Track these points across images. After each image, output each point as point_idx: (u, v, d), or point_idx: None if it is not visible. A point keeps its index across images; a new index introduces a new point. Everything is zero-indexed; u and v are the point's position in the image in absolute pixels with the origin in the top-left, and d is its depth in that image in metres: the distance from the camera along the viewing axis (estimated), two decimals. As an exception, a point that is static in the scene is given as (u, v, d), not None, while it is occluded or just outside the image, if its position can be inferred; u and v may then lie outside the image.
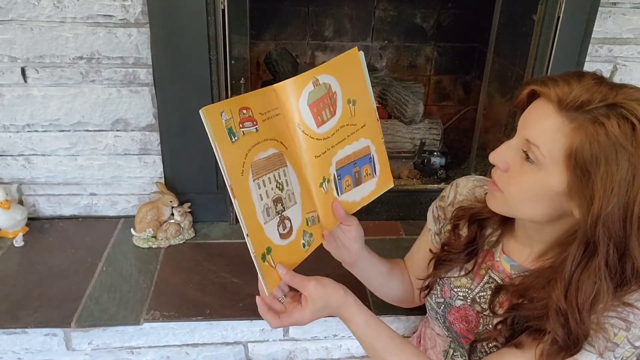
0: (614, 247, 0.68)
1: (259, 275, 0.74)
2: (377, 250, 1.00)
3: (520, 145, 0.73)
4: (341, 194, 0.86)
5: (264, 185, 0.74)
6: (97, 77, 1.25)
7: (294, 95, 0.78)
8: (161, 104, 1.27)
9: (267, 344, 1.16)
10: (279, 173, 0.76)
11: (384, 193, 0.92)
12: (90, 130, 1.31)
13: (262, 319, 0.94)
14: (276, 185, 0.76)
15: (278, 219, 0.77)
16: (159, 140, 1.33)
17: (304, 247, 0.81)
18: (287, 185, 0.78)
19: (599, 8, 1.25)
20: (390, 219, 1.45)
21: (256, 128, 0.73)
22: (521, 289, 0.79)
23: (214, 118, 0.68)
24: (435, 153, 1.69)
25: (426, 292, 0.96)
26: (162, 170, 1.37)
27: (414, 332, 1.11)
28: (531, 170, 0.72)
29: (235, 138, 0.71)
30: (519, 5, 1.37)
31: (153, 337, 1.12)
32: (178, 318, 1.08)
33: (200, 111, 0.67)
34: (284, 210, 0.77)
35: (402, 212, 1.45)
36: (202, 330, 1.12)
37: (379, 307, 1.11)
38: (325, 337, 1.17)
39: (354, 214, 0.88)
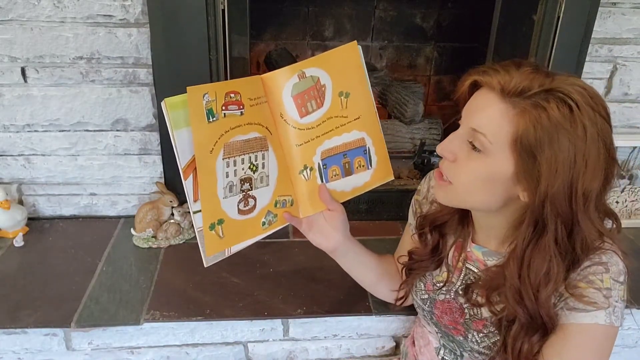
0: (562, 225, 0.70)
1: (199, 242, 0.79)
2: (377, 250, 1.01)
3: (466, 136, 0.74)
4: (326, 183, 0.88)
5: (234, 165, 0.79)
6: (97, 77, 1.25)
7: (278, 86, 0.82)
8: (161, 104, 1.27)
9: (267, 344, 1.16)
10: (256, 155, 0.81)
11: (384, 193, 0.92)
12: (90, 130, 1.31)
13: (262, 319, 0.93)
14: (249, 166, 0.81)
15: (241, 196, 0.82)
16: (159, 140, 1.33)
17: (263, 225, 0.86)
18: (263, 167, 0.82)
19: (599, 8, 1.26)
20: (390, 219, 1.45)
21: (241, 112, 0.78)
22: (488, 283, 0.81)
23: (195, 97, 0.73)
24: (435, 153, 1.68)
25: (402, 301, 0.99)
26: (162, 170, 1.37)
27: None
28: (478, 158, 0.73)
29: (214, 119, 0.75)
30: (519, 5, 1.37)
31: (153, 337, 1.12)
32: (178, 318, 1.08)
33: (165, 103, 0.73)
34: (251, 190, 0.82)
35: (402, 212, 1.43)
36: (202, 330, 1.12)
37: (379, 307, 1.11)
38: (325, 337, 1.17)
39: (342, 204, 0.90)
